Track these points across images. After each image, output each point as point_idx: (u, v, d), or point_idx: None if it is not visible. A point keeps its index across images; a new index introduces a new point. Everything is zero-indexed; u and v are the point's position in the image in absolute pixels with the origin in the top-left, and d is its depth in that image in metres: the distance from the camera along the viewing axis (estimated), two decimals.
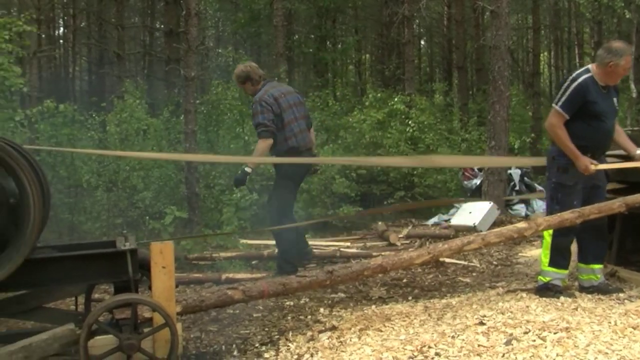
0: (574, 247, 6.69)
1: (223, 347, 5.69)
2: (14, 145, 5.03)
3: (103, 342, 4.76)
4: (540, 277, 6.54)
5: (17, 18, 10.87)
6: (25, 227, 4.62)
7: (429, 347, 4.86)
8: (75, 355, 4.76)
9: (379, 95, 16.77)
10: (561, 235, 6.37)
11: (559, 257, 6.42)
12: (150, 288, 5.09)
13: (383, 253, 8.84)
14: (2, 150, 4.57)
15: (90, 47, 27.03)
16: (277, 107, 8.15)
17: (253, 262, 9.18)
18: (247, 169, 8.20)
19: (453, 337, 5.01)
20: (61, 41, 30.09)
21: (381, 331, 5.48)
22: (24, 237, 4.61)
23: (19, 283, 4.83)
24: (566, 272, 6.51)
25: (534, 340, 4.75)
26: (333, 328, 5.74)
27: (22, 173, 4.57)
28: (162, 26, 24.81)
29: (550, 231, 6.37)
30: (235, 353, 5.52)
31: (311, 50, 22.92)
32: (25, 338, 4.73)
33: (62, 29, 30.57)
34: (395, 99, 15.88)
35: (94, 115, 13.26)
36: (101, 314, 4.80)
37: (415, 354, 4.77)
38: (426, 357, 4.72)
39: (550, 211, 6.48)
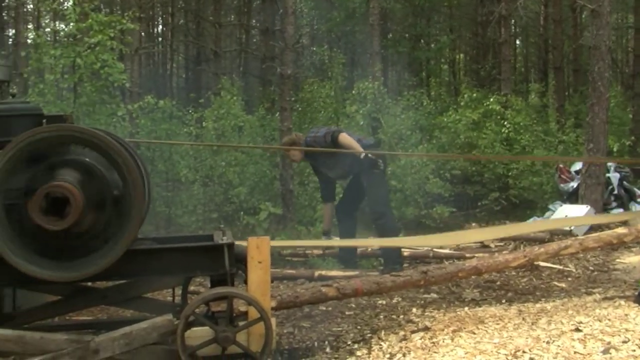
0: None
1: (315, 343, 5.73)
2: (118, 139, 5.17)
3: (199, 333, 4.86)
4: None
5: (120, 16, 11.18)
6: (127, 219, 4.75)
7: (523, 351, 4.78)
8: (172, 344, 4.86)
9: (474, 95, 16.55)
10: None
11: None
12: (245, 282, 5.16)
13: (476, 255, 8.76)
14: (106, 144, 4.70)
15: (188, 44, 27.55)
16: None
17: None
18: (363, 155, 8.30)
19: (548, 342, 4.91)
20: (160, 39, 30.75)
21: (474, 334, 5.42)
22: (126, 228, 4.73)
23: (121, 273, 4.97)
24: None
25: (634, 350, 4.62)
26: (426, 328, 5.70)
27: (125, 166, 4.70)
28: (258, 24, 25.07)
29: None
30: (327, 350, 5.55)
31: (406, 49, 22.79)
32: (126, 326, 4.86)
33: (160, 26, 31.23)
34: (491, 99, 15.65)
35: (191, 112, 13.51)
36: (198, 306, 4.90)
37: (509, 358, 4.70)
38: None
39: None
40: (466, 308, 6.54)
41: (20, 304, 5.78)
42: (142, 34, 22.66)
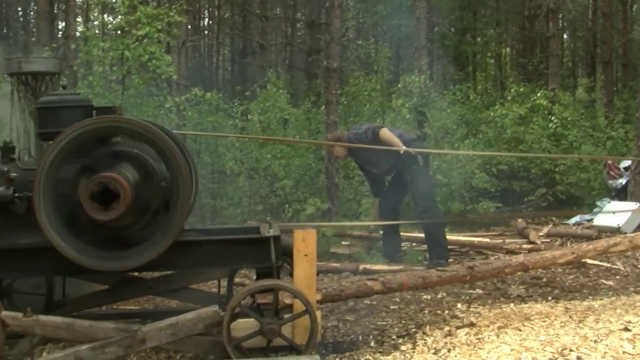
0: None
1: (360, 337, 5.71)
2: (166, 131, 5.21)
3: (245, 325, 4.88)
4: None
5: (168, 9, 11.25)
6: (175, 210, 4.78)
7: (570, 350, 4.71)
8: (218, 335, 4.89)
9: (521, 89, 16.34)
10: None
11: None
12: (291, 275, 5.17)
13: (522, 251, 8.69)
14: (154, 135, 4.74)
15: (234, 37, 27.58)
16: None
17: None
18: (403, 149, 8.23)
19: (596, 341, 4.84)
20: (206, 32, 30.86)
21: (520, 330, 5.36)
22: (174, 219, 4.77)
23: (168, 263, 5.02)
24: None
25: None
26: (471, 324, 5.66)
27: (173, 157, 4.73)
28: (304, 17, 25.07)
29: None
30: (372, 344, 5.53)
31: (452, 43, 22.60)
32: (172, 316, 4.90)
33: (207, 19, 31.34)
34: (538, 94, 15.43)
35: (237, 104, 13.58)
36: (244, 298, 4.92)
37: (556, 356, 4.64)
38: None
39: None
40: (512, 304, 6.47)
41: (69, 292, 5.88)
42: (189, 26, 22.83)
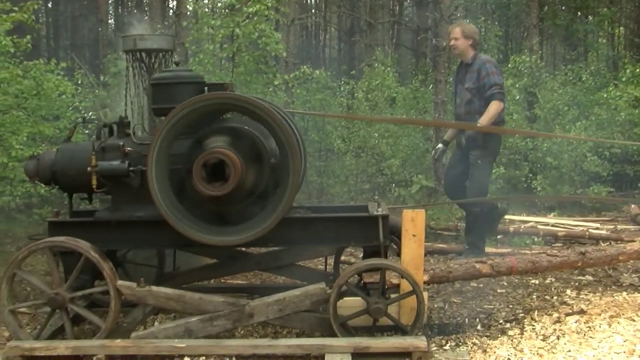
0: None
1: (466, 320, 5.65)
2: (276, 108, 5.24)
3: (351, 303, 4.90)
4: None
5: None
6: (284, 187, 4.82)
7: None
8: (324, 313, 4.92)
9: (637, 70, 15.75)
10: None
11: None
12: (398, 255, 5.14)
13: (636, 238, 8.40)
14: (265, 112, 4.77)
15: (341, 15, 27.60)
16: None
17: (498, 237, 8.91)
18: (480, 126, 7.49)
19: None
20: (313, 10, 30.97)
21: (634, 321, 5.22)
22: (283, 196, 4.80)
23: (277, 240, 5.07)
24: None
25: None
26: (581, 312, 5.52)
27: (283, 135, 4.75)
28: None
29: None
30: (478, 327, 5.47)
31: (564, 22, 21.97)
32: (279, 292, 4.96)
33: None
34: None
35: (344, 82, 13.55)
36: (351, 276, 4.92)
37: None
38: None
39: None
40: (624, 293, 6.27)
41: (179, 265, 6.02)
42: (297, 4, 22.95)
